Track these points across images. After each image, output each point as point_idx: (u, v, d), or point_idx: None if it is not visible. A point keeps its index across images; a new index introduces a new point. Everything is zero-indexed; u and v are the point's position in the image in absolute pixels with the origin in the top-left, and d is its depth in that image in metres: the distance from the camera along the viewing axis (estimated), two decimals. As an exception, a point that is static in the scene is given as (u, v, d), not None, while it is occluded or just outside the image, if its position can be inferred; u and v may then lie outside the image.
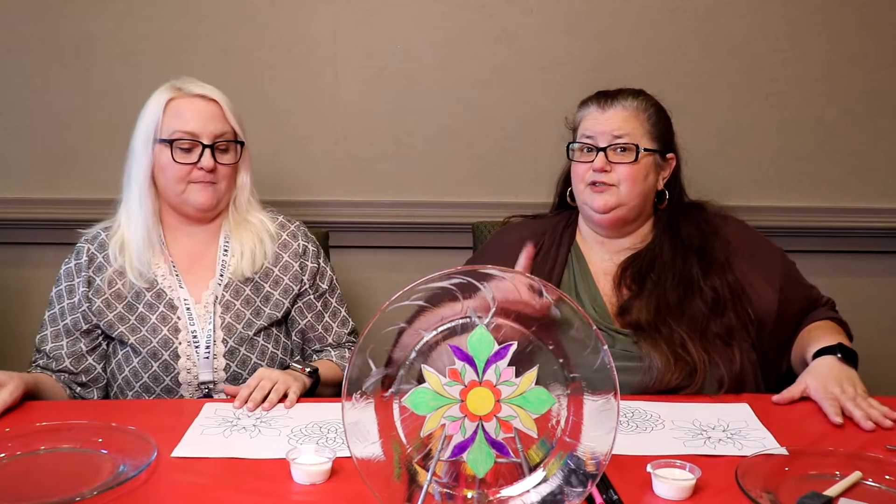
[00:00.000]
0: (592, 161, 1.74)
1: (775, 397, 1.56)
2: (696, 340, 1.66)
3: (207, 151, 1.74)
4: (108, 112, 2.32)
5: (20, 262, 2.41)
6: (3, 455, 1.32)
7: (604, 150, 1.73)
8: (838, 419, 1.44)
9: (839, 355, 1.58)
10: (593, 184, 1.74)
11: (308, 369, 1.69)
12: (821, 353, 1.62)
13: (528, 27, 2.29)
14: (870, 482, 1.24)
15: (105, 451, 1.33)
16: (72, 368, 1.76)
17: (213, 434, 1.43)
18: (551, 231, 1.86)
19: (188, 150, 1.74)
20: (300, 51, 2.30)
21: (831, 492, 1.19)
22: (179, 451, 1.35)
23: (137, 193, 1.78)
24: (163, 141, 1.74)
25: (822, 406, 1.49)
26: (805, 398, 1.54)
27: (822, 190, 2.36)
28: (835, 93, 2.31)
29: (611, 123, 1.74)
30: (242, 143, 1.82)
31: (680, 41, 2.29)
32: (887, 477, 1.25)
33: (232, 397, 1.58)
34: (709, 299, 1.70)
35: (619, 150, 1.73)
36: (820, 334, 1.70)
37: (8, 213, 2.37)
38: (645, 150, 1.73)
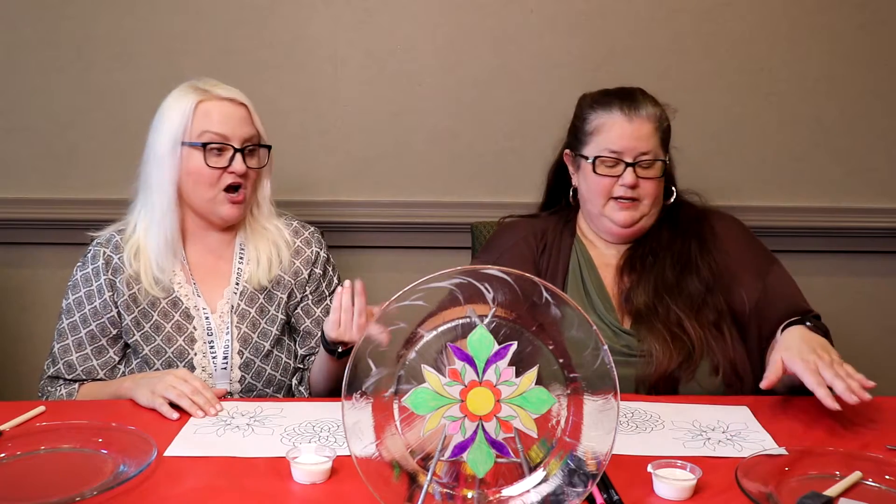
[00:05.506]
0: (619, 176, 1.70)
1: (763, 383, 1.46)
2: (692, 319, 1.67)
3: (238, 156, 1.69)
4: (108, 112, 2.32)
5: (20, 262, 2.41)
6: (3, 455, 1.32)
7: (632, 165, 1.70)
8: (834, 405, 1.35)
9: (808, 324, 1.51)
10: (618, 198, 1.73)
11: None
12: (790, 325, 1.56)
13: (528, 27, 2.29)
14: (870, 482, 1.24)
15: (105, 451, 1.33)
16: (107, 379, 1.73)
17: (206, 433, 1.43)
18: (552, 229, 1.85)
19: (219, 154, 1.69)
20: (300, 51, 2.30)
21: (831, 492, 1.19)
22: (173, 451, 1.35)
23: (162, 200, 1.71)
24: (192, 144, 1.69)
25: (806, 381, 1.39)
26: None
27: (822, 190, 2.36)
28: (835, 93, 2.31)
29: (638, 137, 1.69)
30: (269, 147, 1.78)
31: (680, 41, 2.29)
32: (887, 477, 1.25)
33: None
34: (705, 277, 1.71)
35: (644, 165, 1.71)
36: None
37: (8, 213, 2.36)
38: (665, 162, 1.73)
